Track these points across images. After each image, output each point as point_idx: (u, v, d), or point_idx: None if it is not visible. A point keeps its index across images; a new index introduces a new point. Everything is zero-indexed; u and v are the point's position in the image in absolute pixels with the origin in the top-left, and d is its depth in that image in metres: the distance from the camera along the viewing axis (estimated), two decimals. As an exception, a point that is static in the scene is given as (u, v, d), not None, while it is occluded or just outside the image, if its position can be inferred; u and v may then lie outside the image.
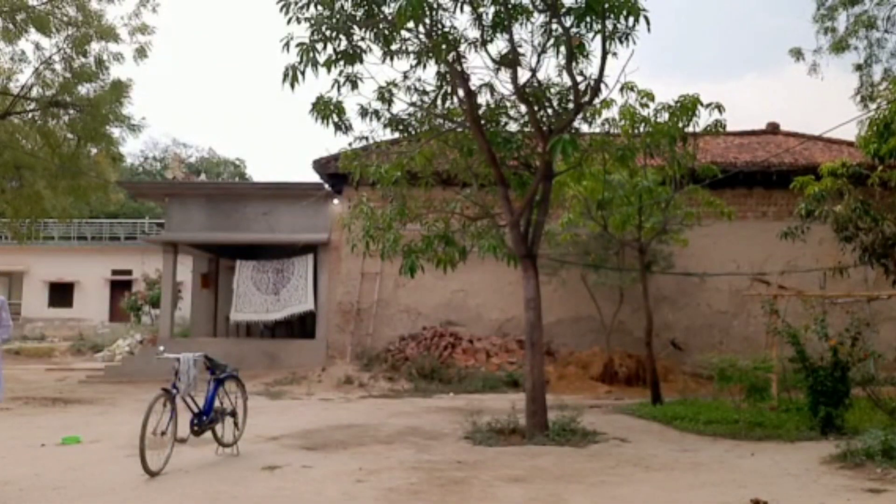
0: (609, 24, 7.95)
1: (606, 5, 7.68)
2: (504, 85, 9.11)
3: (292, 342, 17.80)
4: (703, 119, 9.92)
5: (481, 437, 8.40)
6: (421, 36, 8.31)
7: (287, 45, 7.68)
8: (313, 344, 17.14)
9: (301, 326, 18.75)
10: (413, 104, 9.28)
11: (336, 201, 17.59)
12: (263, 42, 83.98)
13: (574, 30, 8.11)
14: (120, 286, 33.57)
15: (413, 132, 9.69)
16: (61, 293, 34.60)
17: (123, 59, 15.59)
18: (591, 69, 8.65)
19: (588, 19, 7.92)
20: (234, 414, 7.70)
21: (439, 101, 9.17)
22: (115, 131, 16.35)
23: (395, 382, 14.66)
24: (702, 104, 9.79)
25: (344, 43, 7.95)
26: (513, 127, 9.80)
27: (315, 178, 17.85)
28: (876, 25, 15.34)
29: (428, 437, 8.76)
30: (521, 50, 8.53)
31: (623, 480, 6.42)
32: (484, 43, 8.48)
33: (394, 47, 8.34)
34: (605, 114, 9.75)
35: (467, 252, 9.56)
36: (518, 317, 14.86)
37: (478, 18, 8.31)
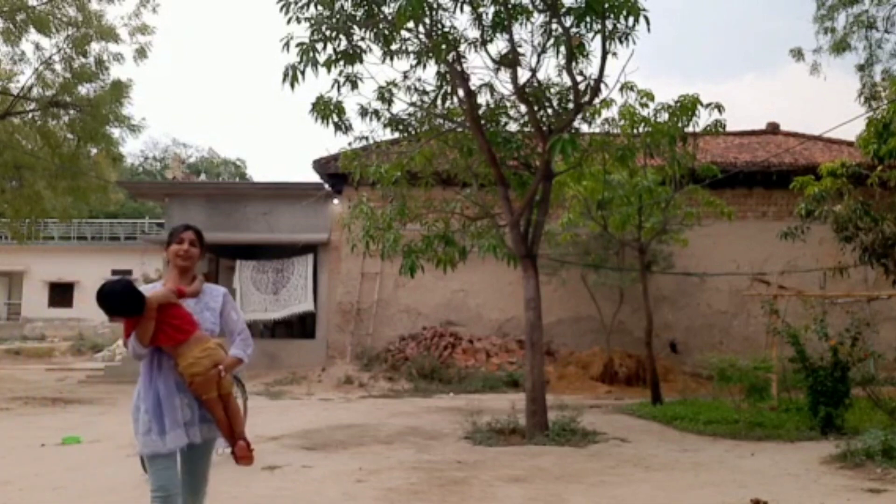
0: (609, 24, 7.96)
1: (606, 5, 7.68)
2: (504, 85, 9.13)
3: (292, 342, 17.80)
4: (703, 119, 9.93)
5: (481, 437, 8.40)
6: (421, 36, 8.31)
7: (287, 45, 7.68)
8: (313, 344, 17.14)
9: (301, 326, 18.76)
10: (413, 104, 9.29)
11: (336, 201, 17.60)
12: (263, 42, 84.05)
13: (574, 30, 8.12)
14: (120, 286, 33.50)
15: (413, 132, 9.69)
16: (61, 293, 34.58)
17: (123, 60, 15.62)
18: (591, 69, 8.68)
19: (588, 19, 7.92)
20: (234, 414, 7.68)
21: (439, 101, 9.18)
22: (115, 131, 16.37)
23: (395, 382, 14.66)
24: (701, 104, 9.79)
25: (344, 43, 7.95)
26: (513, 127, 9.80)
27: (315, 178, 17.86)
28: (876, 26, 15.34)
29: (428, 437, 8.76)
30: (521, 50, 8.54)
31: (623, 480, 6.42)
32: (484, 43, 8.49)
33: (394, 47, 8.34)
34: (605, 114, 9.76)
35: (467, 252, 9.57)
36: (518, 317, 14.86)
37: (478, 18, 8.32)
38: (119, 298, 3.38)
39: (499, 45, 8.66)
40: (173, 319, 3.43)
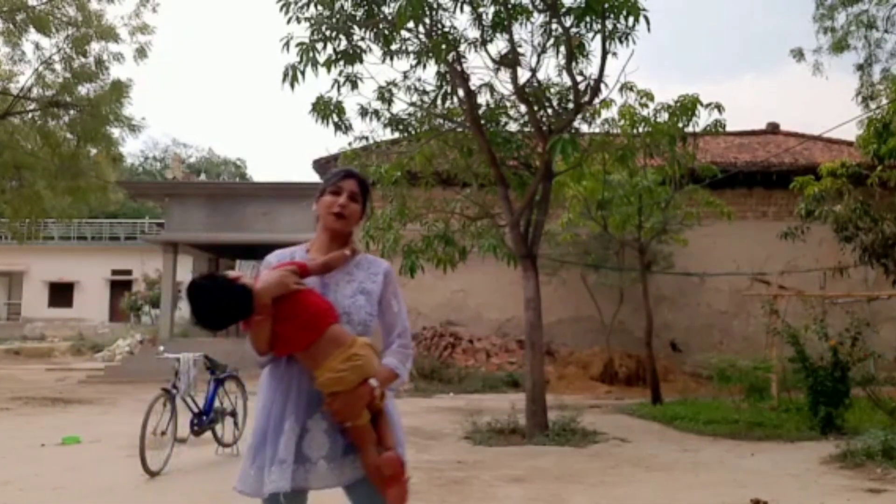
0: (609, 24, 7.95)
1: (606, 5, 7.68)
2: (504, 85, 9.12)
3: (292, 342, 17.78)
4: (703, 119, 9.93)
5: (481, 437, 8.39)
6: (421, 36, 8.31)
7: (287, 44, 7.68)
8: (313, 344, 17.12)
9: (301, 326, 18.75)
10: (413, 104, 9.28)
11: (336, 201, 17.56)
12: (263, 42, 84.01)
13: (574, 30, 8.12)
14: (120, 286, 33.58)
15: (413, 132, 9.69)
16: (61, 293, 34.60)
17: (123, 59, 15.62)
18: (591, 69, 8.67)
19: (588, 19, 7.92)
20: (234, 414, 7.70)
21: (439, 101, 9.17)
22: (115, 131, 16.37)
23: (394, 382, 14.65)
24: (701, 104, 9.79)
25: (344, 43, 7.95)
26: (513, 127, 9.80)
27: (315, 178, 17.86)
28: (876, 25, 15.34)
29: (428, 437, 8.76)
30: (521, 50, 8.54)
31: (623, 480, 6.42)
32: (484, 43, 8.49)
33: (394, 47, 8.34)
34: (605, 114, 9.76)
35: (467, 252, 9.56)
36: (518, 317, 14.85)
37: (478, 18, 8.32)
38: (212, 305, 2.36)
39: (499, 45, 8.66)
40: (298, 314, 2.35)
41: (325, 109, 8.40)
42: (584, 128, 9.86)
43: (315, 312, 2.38)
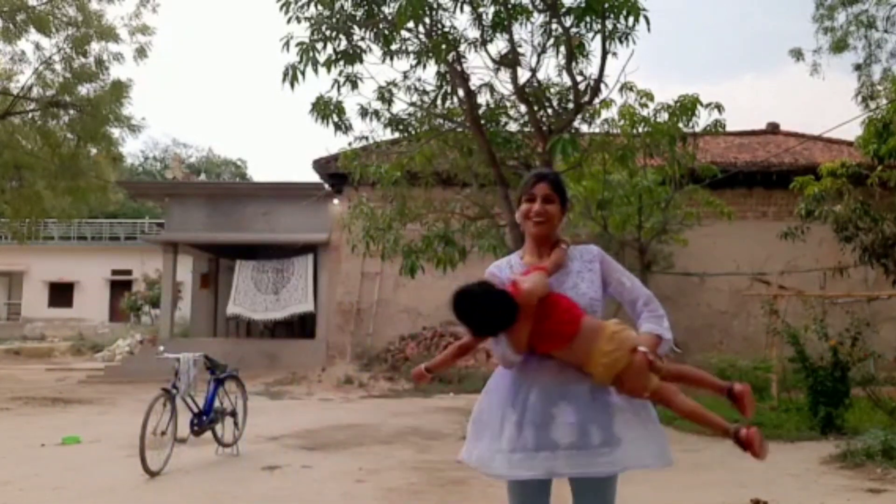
0: (609, 24, 7.96)
1: (606, 5, 7.68)
2: (504, 85, 9.12)
3: (292, 342, 17.81)
4: (703, 119, 9.91)
5: (481, 438, 8.38)
6: (421, 36, 8.31)
7: (287, 44, 7.68)
8: (313, 344, 17.14)
9: (301, 326, 18.76)
10: (413, 104, 9.28)
11: (336, 201, 17.58)
12: (263, 42, 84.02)
13: (574, 30, 8.12)
14: (120, 286, 33.56)
15: (413, 132, 9.69)
16: (61, 293, 34.58)
17: (123, 60, 15.67)
18: (591, 69, 8.67)
19: (588, 19, 7.93)
20: (234, 414, 7.70)
21: (439, 101, 9.17)
22: (115, 131, 16.41)
23: (395, 382, 14.66)
24: (701, 104, 9.77)
25: (344, 43, 7.96)
26: (513, 127, 9.80)
27: (315, 177, 17.86)
28: (875, 25, 15.35)
29: (428, 437, 8.76)
30: (521, 50, 8.55)
31: (623, 480, 6.37)
32: (484, 43, 8.49)
33: (394, 47, 8.35)
34: (605, 114, 9.76)
35: (467, 252, 9.56)
36: (518, 317, 14.85)
37: (478, 18, 8.32)
38: (485, 314, 2.58)
39: (499, 45, 8.67)
40: (555, 312, 2.51)
41: (325, 109, 8.40)
42: (584, 128, 9.87)
43: (568, 307, 2.52)
